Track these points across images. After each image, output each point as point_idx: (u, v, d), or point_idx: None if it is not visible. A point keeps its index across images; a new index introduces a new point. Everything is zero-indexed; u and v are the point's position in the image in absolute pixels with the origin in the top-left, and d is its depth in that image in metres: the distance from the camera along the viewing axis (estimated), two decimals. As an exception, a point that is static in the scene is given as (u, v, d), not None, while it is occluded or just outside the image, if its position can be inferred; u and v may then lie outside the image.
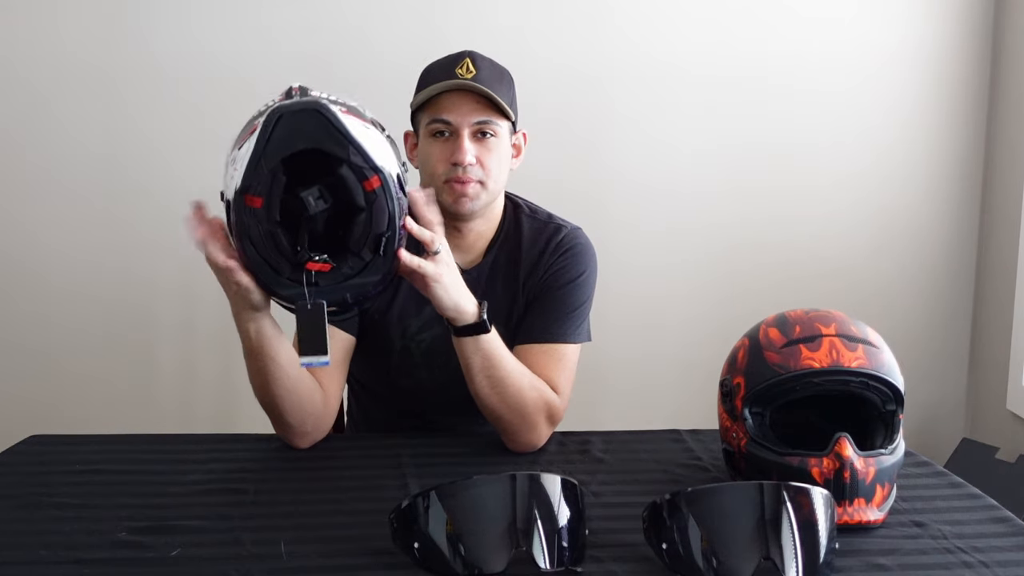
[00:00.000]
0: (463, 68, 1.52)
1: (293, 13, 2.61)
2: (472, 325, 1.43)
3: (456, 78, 1.51)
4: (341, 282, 1.24)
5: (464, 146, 1.52)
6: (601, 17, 2.69)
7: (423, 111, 1.56)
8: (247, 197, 1.19)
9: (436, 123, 1.53)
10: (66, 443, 1.56)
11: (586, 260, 1.64)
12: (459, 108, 1.52)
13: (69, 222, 2.63)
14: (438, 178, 1.54)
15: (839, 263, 2.82)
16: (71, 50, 2.57)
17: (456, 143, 1.52)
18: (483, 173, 1.54)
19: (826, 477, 1.24)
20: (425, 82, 1.57)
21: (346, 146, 1.18)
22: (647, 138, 2.74)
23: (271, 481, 1.42)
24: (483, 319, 1.43)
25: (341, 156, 1.18)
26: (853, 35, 2.77)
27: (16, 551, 1.16)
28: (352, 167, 1.19)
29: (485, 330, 1.44)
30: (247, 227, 1.21)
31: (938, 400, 2.93)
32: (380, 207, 1.22)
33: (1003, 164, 2.79)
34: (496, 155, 1.55)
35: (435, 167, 1.54)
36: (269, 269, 1.24)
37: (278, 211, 1.19)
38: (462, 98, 1.52)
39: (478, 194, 1.55)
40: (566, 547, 1.11)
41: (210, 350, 2.66)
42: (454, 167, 1.52)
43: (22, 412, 2.58)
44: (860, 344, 1.30)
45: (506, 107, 1.53)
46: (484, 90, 1.51)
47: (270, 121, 1.17)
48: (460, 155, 1.51)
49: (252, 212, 1.20)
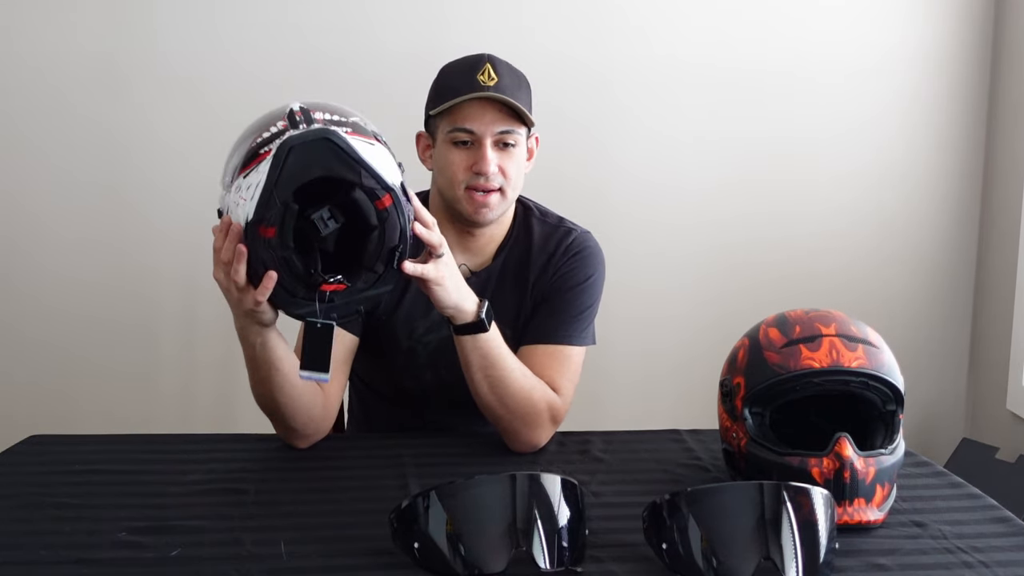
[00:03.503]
0: (484, 75, 1.51)
1: (301, 10, 2.61)
2: (471, 324, 1.43)
3: (478, 85, 1.50)
4: (355, 295, 1.25)
5: (488, 156, 1.51)
6: (604, 14, 2.69)
7: (443, 117, 1.54)
8: (260, 228, 1.19)
9: (458, 132, 1.52)
10: (66, 443, 1.56)
11: (595, 264, 1.65)
12: (482, 118, 1.51)
13: (71, 220, 2.63)
14: (458, 185, 1.54)
15: (839, 262, 2.82)
16: (81, 44, 2.57)
17: (479, 152, 1.52)
18: (504, 181, 1.54)
19: (826, 477, 1.24)
20: (444, 87, 1.55)
21: (358, 171, 1.18)
22: (650, 134, 2.74)
23: (271, 481, 1.42)
24: (481, 318, 1.43)
25: (354, 181, 1.18)
26: (854, 34, 2.77)
27: (16, 551, 1.16)
28: (364, 189, 1.19)
29: (484, 329, 1.44)
30: (261, 255, 1.21)
31: (938, 400, 2.93)
32: (392, 223, 1.22)
33: (1003, 163, 2.79)
34: (516, 163, 1.56)
35: (455, 175, 1.53)
36: (284, 292, 1.24)
37: (291, 238, 1.19)
38: (485, 107, 1.51)
39: (498, 203, 1.55)
40: (566, 547, 1.11)
41: (211, 350, 2.65)
42: (476, 176, 1.52)
43: (22, 412, 2.58)
44: (860, 344, 1.30)
45: (528, 117, 1.53)
46: (511, 102, 1.50)
47: (281, 154, 1.16)
48: (484, 165, 1.51)
49: (266, 242, 1.20)
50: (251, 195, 1.18)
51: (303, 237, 1.21)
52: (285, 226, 1.18)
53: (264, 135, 1.23)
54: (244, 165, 1.22)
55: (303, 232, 1.20)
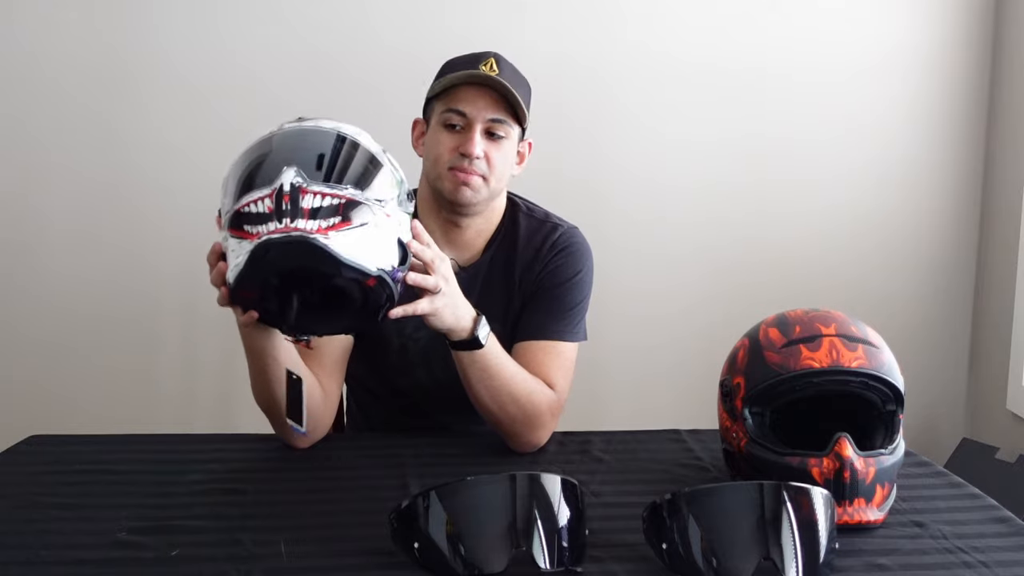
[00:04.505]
0: (487, 65, 1.53)
1: (303, 9, 2.61)
2: (466, 341, 1.43)
3: (478, 73, 1.52)
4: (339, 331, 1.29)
5: (475, 139, 1.52)
6: (604, 15, 2.69)
7: (438, 100, 1.56)
8: (241, 292, 1.21)
9: (450, 113, 1.53)
10: (66, 443, 1.56)
11: (583, 259, 1.65)
12: (475, 102, 1.52)
13: (72, 220, 2.63)
14: (442, 165, 1.54)
15: (839, 261, 2.82)
16: (83, 44, 2.57)
17: (468, 136, 1.52)
18: (487, 169, 1.54)
19: (826, 477, 1.24)
20: (446, 74, 1.57)
21: (338, 268, 1.16)
22: (649, 134, 2.74)
23: (271, 481, 1.42)
24: (475, 336, 1.42)
25: (332, 275, 1.17)
26: (854, 34, 2.77)
27: (16, 551, 1.16)
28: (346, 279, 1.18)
29: (479, 346, 1.43)
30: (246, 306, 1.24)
31: (938, 400, 2.93)
32: (377, 294, 1.21)
33: (1003, 163, 2.79)
34: (503, 155, 1.56)
35: (441, 154, 1.54)
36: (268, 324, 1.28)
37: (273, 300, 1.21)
38: (480, 93, 1.52)
39: (479, 187, 1.55)
40: (566, 547, 1.11)
41: (211, 350, 2.66)
42: (461, 157, 1.52)
43: (22, 412, 2.58)
44: (860, 344, 1.30)
45: (523, 108, 1.53)
46: (505, 85, 1.51)
47: (258, 253, 1.15)
48: (470, 146, 1.51)
49: (246, 300, 1.23)
50: (234, 262, 1.19)
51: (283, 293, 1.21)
52: (266, 294, 1.20)
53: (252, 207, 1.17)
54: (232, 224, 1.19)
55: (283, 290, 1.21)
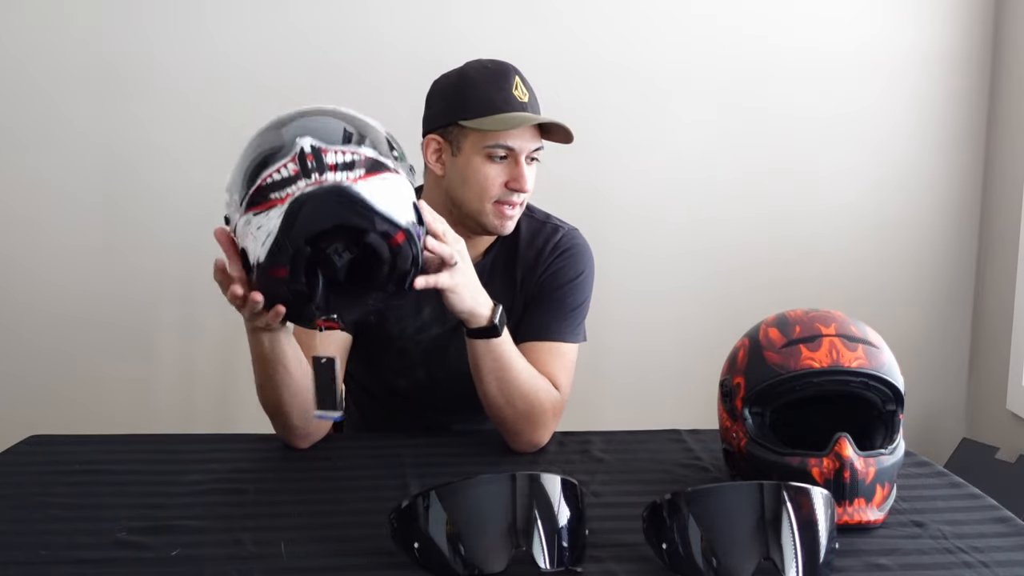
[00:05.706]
0: (518, 90, 1.54)
1: (300, 11, 2.61)
2: (484, 328, 1.43)
3: (515, 101, 1.52)
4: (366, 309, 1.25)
5: (525, 174, 1.54)
6: (603, 15, 2.69)
7: (474, 129, 1.53)
8: (271, 271, 1.18)
9: (499, 148, 1.52)
10: (66, 443, 1.56)
11: (584, 261, 1.65)
12: (523, 136, 1.53)
13: (71, 221, 2.63)
14: (488, 199, 1.54)
15: (839, 262, 2.82)
16: (76, 50, 2.57)
17: (516, 169, 1.53)
18: (527, 195, 1.57)
19: (826, 477, 1.24)
20: (477, 99, 1.52)
21: (372, 218, 1.16)
22: (649, 134, 2.74)
23: (271, 481, 1.42)
24: (494, 324, 1.43)
25: (367, 228, 1.17)
26: (855, 35, 2.77)
27: (16, 551, 1.16)
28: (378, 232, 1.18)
29: (497, 334, 1.44)
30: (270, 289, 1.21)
31: (938, 400, 2.93)
32: (405, 254, 1.21)
33: (1003, 164, 2.79)
34: (535, 175, 1.58)
35: (489, 189, 1.53)
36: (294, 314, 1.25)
37: (303, 274, 1.18)
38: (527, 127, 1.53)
39: (518, 215, 1.59)
40: (566, 547, 1.11)
41: (211, 350, 2.66)
42: (510, 192, 1.54)
43: (22, 412, 2.58)
44: (860, 344, 1.30)
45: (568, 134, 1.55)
46: (564, 126, 1.53)
47: (293, 210, 1.14)
48: (523, 183, 1.54)
49: (276, 280, 1.19)
50: (262, 239, 1.16)
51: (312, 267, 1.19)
52: (296, 267, 1.18)
53: (274, 176, 1.17)
54: (252, 202, 1.18)
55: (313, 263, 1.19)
